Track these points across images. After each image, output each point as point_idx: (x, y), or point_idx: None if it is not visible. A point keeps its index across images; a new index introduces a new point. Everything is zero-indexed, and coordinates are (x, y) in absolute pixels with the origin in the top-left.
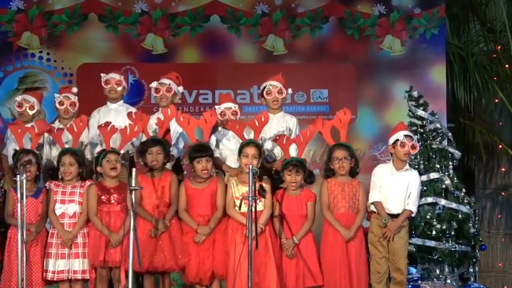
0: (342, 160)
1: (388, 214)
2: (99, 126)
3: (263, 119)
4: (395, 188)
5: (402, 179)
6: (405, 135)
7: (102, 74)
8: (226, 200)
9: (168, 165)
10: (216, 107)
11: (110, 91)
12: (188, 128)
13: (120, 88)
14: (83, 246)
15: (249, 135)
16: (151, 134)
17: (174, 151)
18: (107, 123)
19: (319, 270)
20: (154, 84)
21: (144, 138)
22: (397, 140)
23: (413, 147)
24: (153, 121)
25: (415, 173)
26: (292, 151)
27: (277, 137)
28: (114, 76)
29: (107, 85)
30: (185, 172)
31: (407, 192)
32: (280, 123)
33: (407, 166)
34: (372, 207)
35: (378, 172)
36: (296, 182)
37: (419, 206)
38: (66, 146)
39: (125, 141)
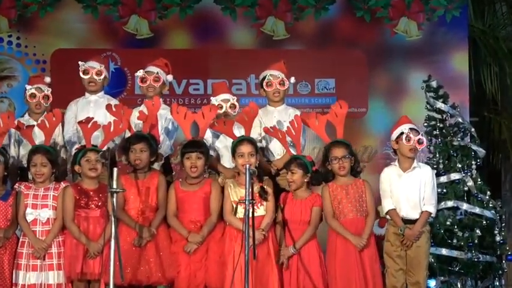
0: (342, 159)
1: (405, 221)
2: (80, 122)
3: (252, 111)
4: (407, 191)
5: (412, 180)
6: (410, 129)
7: (80, 63)
8: (223, 205)
9: (156, 165)
10: (212, 98)
11: (90, 83)
12: (184, 122)
13: (100, 79)
14: (57, 257)
15: (241, 132)
16: (135, 130)
17: (162, 149)
18: (88, 119)
19: (323, 283)
20: (139, 73)
21: (128, 135)
22: (402, 133)
23: (419, 142)
24: (136, 115)
25: (426, 168)
26: (292, 150)
27: (271, 129)
28: (94, 65)
29: (85, 75)
30: (174, 173)
31: (421, 193)
32: (282, 117)
33: (415, 163)
34: (387, 216)
35: (384, 177)
36: (293, 182)
37: (438, 210)
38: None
39: (107, 139)
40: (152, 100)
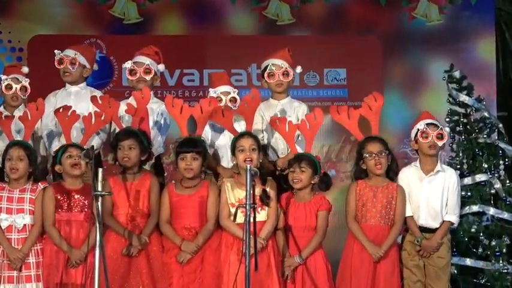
0: (378, 155)
1: (423, 229)
2: (56, 111)
3: (254, 99)
4: (428, 197)
5: (435, 185)
6: (427, 124)
7: (56, 52)
8: (220, 208)
9: (147, 166)
10: (211, 90)
11: (64, 73)
12: (180, 117)
13: (74, 69)
14: (36, 267)
15: (241, 128)
16: (124, 125)
17: (153, 147)
18: (66, 108)
19: None
20: (128, 65)
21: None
22: (419, 130)
23: (439, 137)
24: (125, 109)
25: (451, 171)
26: (299, 150)
27: (278, 121)
28: (68, 53)
29: (60, 65)
30: (167, 174)
31: (443, 200)
32: (286, 111)
33: (439, 166)
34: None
35: (402, 179)
36: (300, 180)
37: (461, 216)
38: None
39: (89, 132)
40: (141, 91)
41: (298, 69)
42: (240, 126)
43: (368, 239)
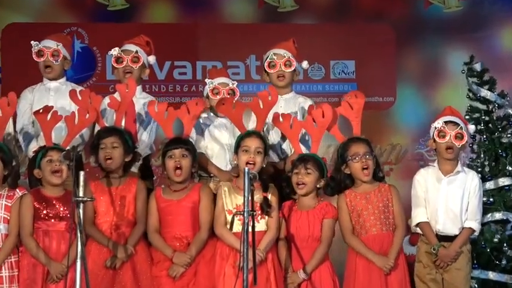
0: (365, 157)
1: (441, 237)
2: (36, 112)
3: (270, 98)
4: (447, 200)
5: (455, 185)
6: (446, 122)
7: (33, 43)
8: (215, 215)
9: (133, 168)
10: (208, 80)
11: (46, 67)
12: (164, 121)
13: (58, 62)
14: (9, 282)
15: (248, 124)
16: (107, 123)
17: (140, 147)
18: (47, 108)
19: None
20: (114, 52)
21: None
22: (435, 128)
23: (457, 137)
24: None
25: (472, 173)
26: (304, 151)
27: (281, 118)
28: (49, 44)
29: (39, 58)
30: (156, 177)
31: (463, 203)
32: (289, 107)
33: (459, 167)
34: (418, 230)
35: (419, 181)
36: (304, 184)
37: (483, 224)
38: None
39: (72, 133)
40: (126, 84)
41: (305, 64)
42: (247, 125)
43: (373, 252)
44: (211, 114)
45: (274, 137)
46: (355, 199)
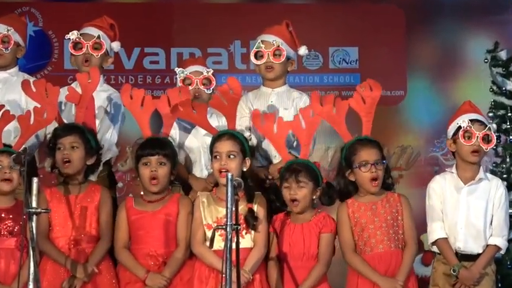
0: (376, 165)
1: (461, 256)
2: None
3: (232, 92)
4: (468, 212)
5: (477, 195)
6: (472, 120)
7: None
8: (192, 230)
9: (92, 177)
10: (178, 69)
11: None
12: (140, 113)
13: (9, 50)
14: None
15: (220, 122)
16: (64, 117)
17: (105, 148)
18: None
19: None
20: (72, 36)
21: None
22: (459, 128)
23: (486, 139)
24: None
25: (497, 181)
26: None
27: (263, 116)
28: None
29: None
30: (120, 184)
31: (487, 216)
32: (282, 102)
33: (481, 173)
34: (434, 248)
35: (435, 190)
36: (298, 200)
37: (510, 241)
38: None
39: (25, 135)
40: (89, 73)
41: (302, 50)
42: (220, 121)
43: (377, 273)
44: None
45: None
46: (358, 210)
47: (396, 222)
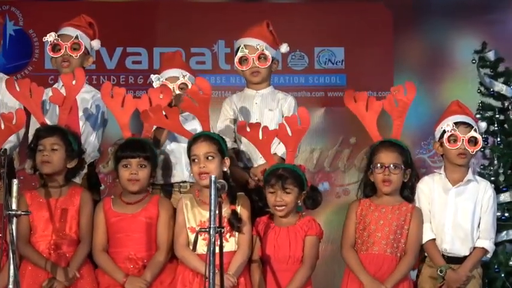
0: (389, 169)
1: (447, 258)
2: None
3: (202, 92)
4: (455, 213)
5: (465, 197)
6: (456, 123)
7: None
8: (175, 233)
9: (77, 179)
10: (153, 77)
11: None
12: (121, 112)
13: None
14: None
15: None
16: (47, 119)
17: (88, 150)
18: None
19: None
20: (50, 38)
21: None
22: (445, 132)
23: (472, 141)
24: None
25: (485, 183)
26: (280, 150)
27: (248, 126)
28: None
29: None
30: (103, 186)
31: (475, 218)
32: (267, 104)
33: (469, 175)
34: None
35: (423, 190)
36: (284, 206)
37: (497, 244)
38: None
39: (6, 134)
40: (74, 74)
41: (284, 47)
42: (196, 124)
43: (366, 272)
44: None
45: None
46: (368, 209)
47: (401, 230)
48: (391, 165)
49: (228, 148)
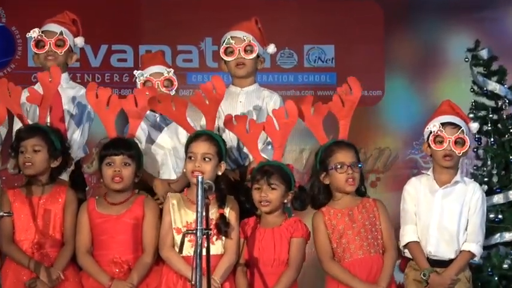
0: (352, 167)
1: (432, 261)
2: None
3: (215, 91)
4: (441, 215)
5: (451, 199)
6: (443, 124)
7: None
8: (160, 234)
9: (65, 176)
10: (137, 72)
11: None
12: (106, 113)
13: None
14: None
15: (200, 122)
16: (29, 119)
17: (76, 147)
18: None
19: None
20: (34, 34)
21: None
22: (431, 132)
23: (458, 142)
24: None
25: (474, 185)
26: (266, 150)
27: (235, 119)
28: None
29: None
30: (89, 188)
31: (461, 221)
32: (251, 102)
33: (458, 176)
34: (407, 253)
35: (409, 192)
36: (269, 202)
37: (490, 247)
38: None
39: None
40: (49, 72)
41: (271, 48)
42: (198, 122)
43: (357, 278)
44: (149, 111)
45: (229, 138)
46: (335, 217)
47: (374, 228)
48: (353, 163)
49: (227, 152)
